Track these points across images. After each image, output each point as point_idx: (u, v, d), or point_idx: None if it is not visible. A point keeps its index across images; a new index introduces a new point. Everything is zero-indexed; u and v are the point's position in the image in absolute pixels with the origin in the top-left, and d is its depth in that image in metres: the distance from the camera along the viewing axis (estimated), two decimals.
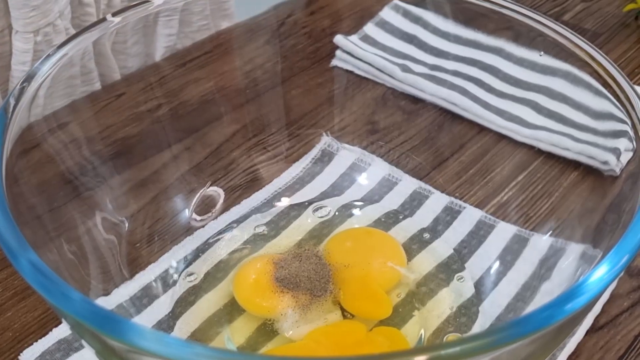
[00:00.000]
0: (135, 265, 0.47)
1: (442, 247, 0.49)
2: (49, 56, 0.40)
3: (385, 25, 0.66)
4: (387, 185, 0.55)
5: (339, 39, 0.64)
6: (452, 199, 0.53)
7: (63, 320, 0.35)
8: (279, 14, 0.58)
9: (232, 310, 0.45)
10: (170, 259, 0.48)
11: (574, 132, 0.52)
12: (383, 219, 0.52)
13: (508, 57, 0.56)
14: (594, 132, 0.46)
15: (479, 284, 0.46)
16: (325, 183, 0.55)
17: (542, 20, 0.44)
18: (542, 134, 0.54)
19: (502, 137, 0.56)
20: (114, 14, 0.45)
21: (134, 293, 0.45)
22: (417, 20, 0.65)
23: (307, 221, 0.51)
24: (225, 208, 0.52)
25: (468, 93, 0.58)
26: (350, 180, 0.55)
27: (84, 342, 0.31)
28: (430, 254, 0.49)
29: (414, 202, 0.53)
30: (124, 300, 0.44)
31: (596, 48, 0.41)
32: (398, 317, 0.44)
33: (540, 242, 0.47)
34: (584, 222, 0.42)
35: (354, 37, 0.65)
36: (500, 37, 0.53)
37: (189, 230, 0.50)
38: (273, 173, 0.55)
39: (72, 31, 0.63)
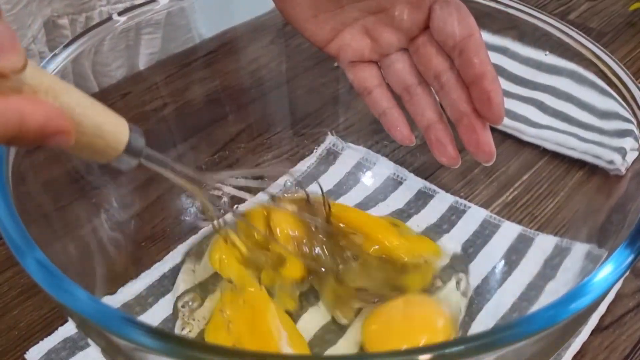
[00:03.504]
0: (140, 264, 0.47)
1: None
2: (55, 55, 0.40)
3: None
4: (392, 185, 0.55)
5: None
6: (457, 198, 0.53)
7: (69, 318, 0.35)
8: None
9: None
10: (176, 258, 0.48)
11: (580, 131, 0.52)
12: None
13: (513, 56, 0.56)
14: (600, 131, 0.46)
15: (484, 283, 0.46)
16: (330, 182, 0.55)
17: (547, 20, 0.44)
18: (548, 134, 0.54)
19: (507, 136, 0.56)
20: (120, 13, 0.45)
21: (140, 292, 0.45)
22: None
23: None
24: (230, 207, 0.52)
25: None
26: (355, 179, 0.55)
27: (89, 341, 0.31)
28: None
29: (419, 202, 0.53)
30: (129, 298, 0.45)
31: (602, 47, 0.41)
32: None
33: (546, 242, 0.47)
34: (589, 221, 0.42)
35: None
36: (506, 36, 0.53)
37: (194, 229, 0.50)
38: (278, 172, 0.55)
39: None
